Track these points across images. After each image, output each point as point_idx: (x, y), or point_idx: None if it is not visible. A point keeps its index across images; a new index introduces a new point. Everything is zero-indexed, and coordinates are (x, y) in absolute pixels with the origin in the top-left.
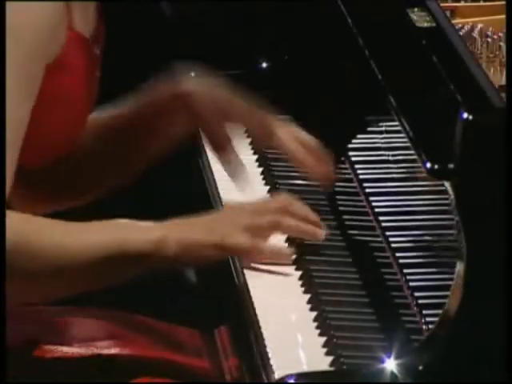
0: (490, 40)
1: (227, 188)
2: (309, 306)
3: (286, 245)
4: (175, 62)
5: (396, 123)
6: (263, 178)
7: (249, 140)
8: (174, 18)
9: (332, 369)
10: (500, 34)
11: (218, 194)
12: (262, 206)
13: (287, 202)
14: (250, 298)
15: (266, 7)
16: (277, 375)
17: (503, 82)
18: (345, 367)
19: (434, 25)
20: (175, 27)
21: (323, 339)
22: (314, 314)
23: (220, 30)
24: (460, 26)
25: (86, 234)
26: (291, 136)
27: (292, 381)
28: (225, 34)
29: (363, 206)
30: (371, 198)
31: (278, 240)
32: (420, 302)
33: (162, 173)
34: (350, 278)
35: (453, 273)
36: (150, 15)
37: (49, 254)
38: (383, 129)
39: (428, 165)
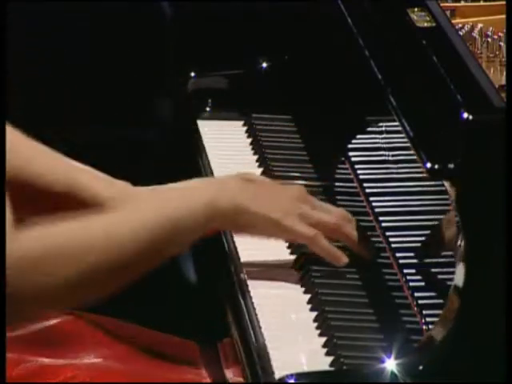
0: (490, 40)
1: None
2: (309, 306)
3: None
4: (175, 62)
5: (396, 123)
6: None
7: (249, 140)
8: (174, 18)
9: (332, 369)
10: (500, 34)
11: None
12: (327, 206)
13: (349, 217)
14: (251, 298)
15: (266, 7)
16: (277, 375)
17: (503, 81)
18: (345, 367)
19: (434, 25)
20: (175, 27)
21: (323, 339)
22: (314, 314)
23: (220, 30)
24: (460, 25)
25: (129, 217)
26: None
27: (292, 381)
28: (225, 34)
29: (363, 206)
30: (371, 198)
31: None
32: (420, 302)
33: (161, 173)
34: (350, 278)
35: (453, 273)
36: (150, 15)
37: (96, 251)
38: (383, 129)
39: (428, 165)
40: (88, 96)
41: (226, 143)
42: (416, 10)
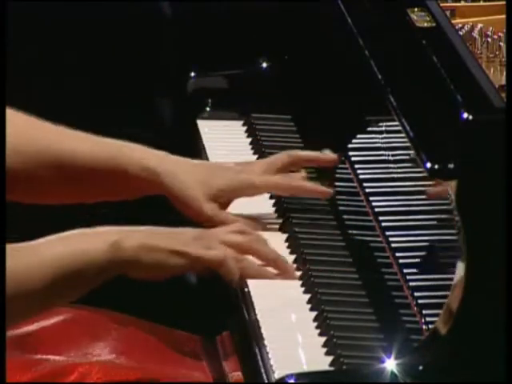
0: (490, 40)
1: None
2: (309, 305)
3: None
4: (175, 62)
5: (396, 123)
6: None
7: (249, 140)
8: (174, 18)
9: (332, 369)
10: (500, 34)
11: None
12: (223, 229)
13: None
14: (251, 298)
15: (267, 7)
16: (277, 375)
17: (503, 81)
18: (345, 367)
19: (434, 25)
20: (175, 27)
21: (323, 339)
22: (314, 313)
23: (220, 30)
24: (460, 25)
25: (34, 255)
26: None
27: (292, 381)
28: (225, 34)
29: (363, 206)
30: (371, 198)
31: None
32: (420, 301)
33: None
34: (350, 278)
35: (453, 273)
36: (150, 15)
37: (15, 278)
38: (383, 129)
39: (428, 165)
40: (88, 96)
41: (226, 143)
42: (416, 10)
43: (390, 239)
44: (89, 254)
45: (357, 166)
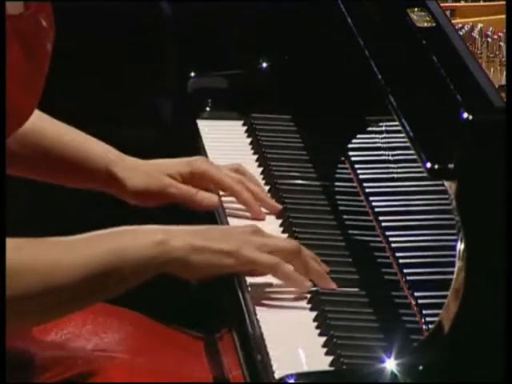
0: (490, 40)
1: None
2: (309, 305)
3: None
4: (175, 62)
5: (396, 123)
6: (263, 178)
7: (249, 140)
8: (174, 18)
9: (332, 369)
10: (500, 34)
11: (219, 197)
12: (279, 237)
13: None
14: (251, 298)
15: (267, 7)
16: (277, 375)
17: (503, 81)
18: (345, 367)
19: (434, 25)
20: (175, 27)
21: (323, 339)
22: (314, 313)
23: (220, 30)
24: (460, 25)
25: (80, 248)
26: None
27: (292, 381)
28: (225, 34)
29: (363, 206)
30: (371, 198)
31: None
32: (420, 301)
33: None
34: (350, 278)
35: (453, 273)
36: (150, 15)
37: (42, 271)
38: (383, 129)
39: (428, 165)
40: (88, 96)
41: (226, 143)
42: (416, 10)
43: (390, 239)
44: (128, 251)
45: (357, 166)
